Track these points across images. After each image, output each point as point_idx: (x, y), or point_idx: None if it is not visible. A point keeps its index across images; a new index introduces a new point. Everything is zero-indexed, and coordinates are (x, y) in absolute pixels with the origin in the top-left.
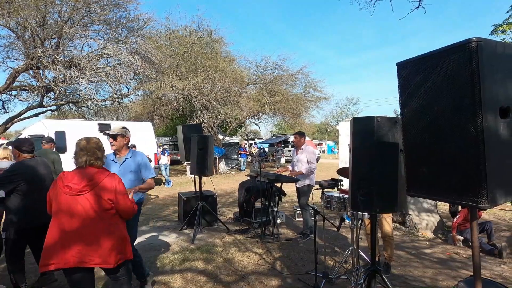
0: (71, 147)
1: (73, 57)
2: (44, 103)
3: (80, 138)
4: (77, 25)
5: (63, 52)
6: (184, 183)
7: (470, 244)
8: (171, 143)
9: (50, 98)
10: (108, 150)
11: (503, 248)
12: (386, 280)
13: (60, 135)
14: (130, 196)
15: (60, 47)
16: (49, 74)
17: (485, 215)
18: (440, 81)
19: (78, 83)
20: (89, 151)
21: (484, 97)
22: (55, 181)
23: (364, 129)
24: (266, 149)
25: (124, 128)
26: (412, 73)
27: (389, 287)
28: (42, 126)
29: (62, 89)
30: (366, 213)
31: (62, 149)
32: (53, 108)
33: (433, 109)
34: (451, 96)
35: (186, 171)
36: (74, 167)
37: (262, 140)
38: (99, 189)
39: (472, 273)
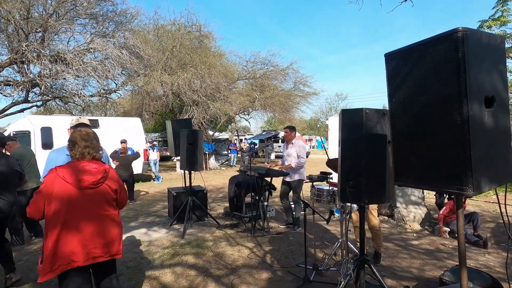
0: (58, 143)
1: (59, 52)
2: (29, 99)
3: (78, 129)
4: (62, 19)
5: (48, 46)
6: (174, 179)
7: (456, 235)
8: (160, 139)
9: (35, 93)
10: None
11: (488, 239)
12: (374, 269)
13: (47, 131)
14: None
15: (45, 41)
16: (34, 69)
17: (471, 207)
18: (427, 71)
19: (64, 78)
20: (92, 143)
21: (469, 86)
22: (53, 178)
23: (353, 121)
24: (258, 144)
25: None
26: (400, 64)
27: (377, 277)
28: (27, 122)
29: (48, 84)
30: (354, 206)
31: (49, 145)
32: (38, 104)
33: (420, 99)
34: (437, 85)
35: (176, 167)
36: (69, 160)
37: (252, 136)
38: (109, 181)
39: (457, 263)
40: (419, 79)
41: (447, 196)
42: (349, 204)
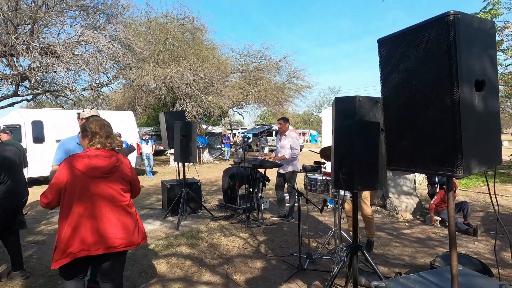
0: (49, 137)
1: (49, 44)
2: (19, 93)
3: (94, 118)
4: (52, 11)
5: (38, 38)
6: (168, 173)
7: (447, 224)
8: (153, 134)
9: (25, 87)
10: (71, 134)
11: (478, 227)
12: (367, 255)
13: (38, 124)
14: None
15: (34, 33)
16: (23, 61)
17: (461, 197)
18: (419, 55)
19: (55, 72)
20: (110, 133)
21: (460, 69)
22: (67, 168)
23: (346, 109)
24: (251, 138)
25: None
26: (393, 49)
27: (370, 263)
28: (18, 115)
29: (38, 77)
30: (347, 195)
31: (40, 139)
32: (28, 97)
33: (412, 83)
34: (429, 69)
35: (169, 161)
36: (79, 148)
37: (246, 130)
38: (122, 170)
39: (448, 250)
40: (411, 63)
41: (439, 186)
42: (342, 192)
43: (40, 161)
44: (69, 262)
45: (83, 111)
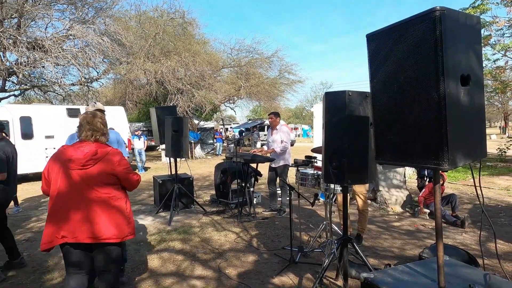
0: (38, 133)
1: (37, 38)
2: (6, 88)
3: (86, 112)
4: (39, 4)
5: (25, 32)
6: (159, 168)
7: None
8: (144, 129)
9: (13, 82)
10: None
11: (466, 219)
12: (357, 248)
13: (26, 120)
14: None
15: (21, 27)
16: (10, 56)
17: (449, 190)
18: (407, 50)
19: (43, 66)
20: (95, 126)
21: (446, 64)
22: (54, 158)
23: (336, 103)
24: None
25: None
26: (381, 44)
27: (360, 255)
28: (5, 111)
29: (26, 72)
30: (338, 188)
31: (29, 135)
32: (16, 93)
33: (400, 78)
34: (416, 64)
35: (161, 156)
36: (75, 141)
37: (238, 125)
38: (104, 163)
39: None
40: (399, 58)
41: (428, 179)
42: (332, 187)
43: (29, 158)
44: (63, 247)
45: (88, 106)
